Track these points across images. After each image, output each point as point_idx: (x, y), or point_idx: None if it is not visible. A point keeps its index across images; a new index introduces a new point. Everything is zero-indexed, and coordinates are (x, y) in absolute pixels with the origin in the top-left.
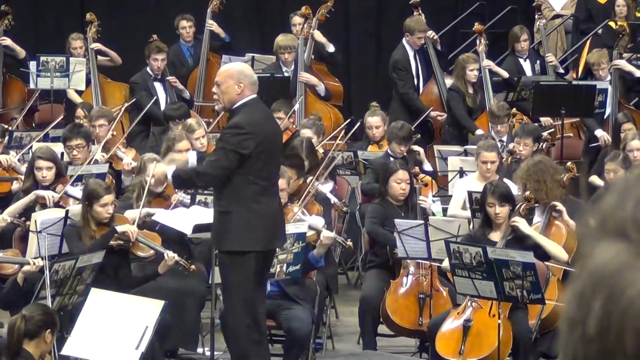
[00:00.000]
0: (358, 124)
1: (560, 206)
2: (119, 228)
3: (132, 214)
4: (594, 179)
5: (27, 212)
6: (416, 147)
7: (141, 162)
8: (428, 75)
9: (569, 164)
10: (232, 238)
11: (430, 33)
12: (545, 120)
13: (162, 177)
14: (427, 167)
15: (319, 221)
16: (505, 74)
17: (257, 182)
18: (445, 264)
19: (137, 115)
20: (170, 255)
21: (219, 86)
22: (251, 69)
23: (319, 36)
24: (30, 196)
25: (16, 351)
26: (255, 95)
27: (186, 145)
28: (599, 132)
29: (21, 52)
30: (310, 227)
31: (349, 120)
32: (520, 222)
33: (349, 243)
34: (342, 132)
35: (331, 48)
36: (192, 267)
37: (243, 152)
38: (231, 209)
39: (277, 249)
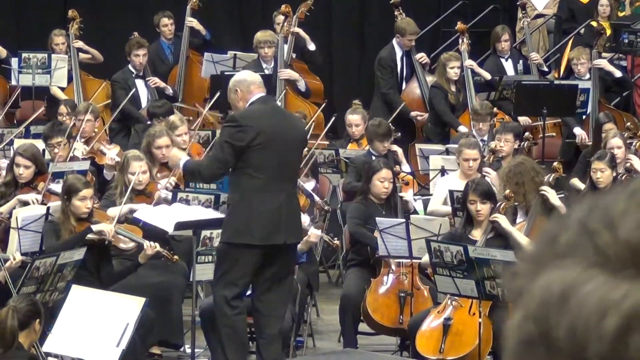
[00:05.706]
0: (333, 117)
1: (546, 190)
2: (95, 227)
3: (115, 211)
4: (575, 182)
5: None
6: (395, 147)
7: (125, 158)
8: (411, 76)
9: (555, 164)
10: (228, 230)
11: (421, 56)
12: (524, 120)
13: (176, 162)
14: (406, 167)
15: (305, 219)
16: (488, 76)
17: (257, 176)
18: (425, 259)
19: (116, 112)
20: (152, 245)
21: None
22: (249, 72)
23: (301, 31)
24: (14, 201)
25: (11, 344)
26: (261, 94)
27: (166, 142)
28: (577, 130)
29: (2, 52)
30: None
31: (333, 117)
32: (501, 219)
33: (336, 242)
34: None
35: (312, 46)
36: (175, 257)
37: (237, 144)
38: (233, 202)
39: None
